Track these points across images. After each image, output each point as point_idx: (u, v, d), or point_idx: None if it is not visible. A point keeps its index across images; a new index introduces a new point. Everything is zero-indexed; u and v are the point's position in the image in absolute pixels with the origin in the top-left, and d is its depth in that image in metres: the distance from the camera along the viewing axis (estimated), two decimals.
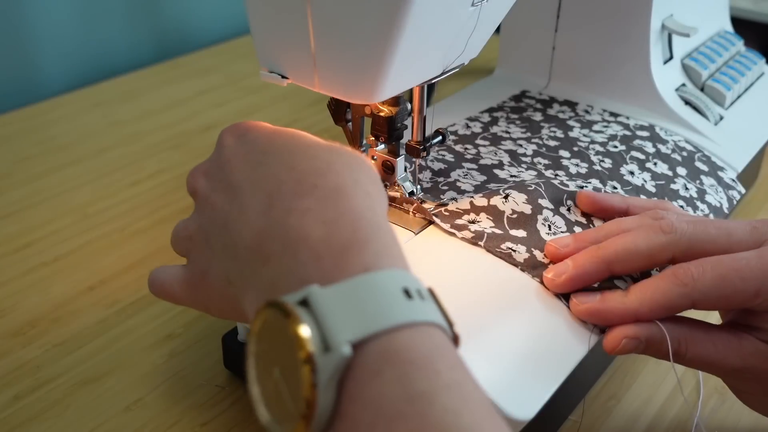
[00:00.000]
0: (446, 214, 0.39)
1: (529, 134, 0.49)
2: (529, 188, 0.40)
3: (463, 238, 0.38)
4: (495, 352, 0.32)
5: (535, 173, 0.44)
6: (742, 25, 0.89)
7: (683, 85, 0.53)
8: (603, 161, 0.46)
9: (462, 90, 0.57)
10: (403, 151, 0.41)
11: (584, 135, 0.49)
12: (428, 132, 0.41)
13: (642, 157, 0.47)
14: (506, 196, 0.39)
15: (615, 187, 0.43)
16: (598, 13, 0.52)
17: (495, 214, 0.39)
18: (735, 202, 0.46)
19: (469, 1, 0.32)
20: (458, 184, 0.43)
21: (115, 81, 0.80)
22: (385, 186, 0.42)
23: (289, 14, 0.32)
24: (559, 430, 0.39)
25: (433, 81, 0.37)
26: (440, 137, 0.42)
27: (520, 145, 0.47)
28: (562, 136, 0.49)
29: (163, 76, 0.81)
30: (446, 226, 0.38)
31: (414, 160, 0.41)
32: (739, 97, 0.55)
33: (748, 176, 0.56)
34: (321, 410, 0.22)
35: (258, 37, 0.35)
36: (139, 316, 0.46)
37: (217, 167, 0.32)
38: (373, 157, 0.41)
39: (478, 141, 0.48)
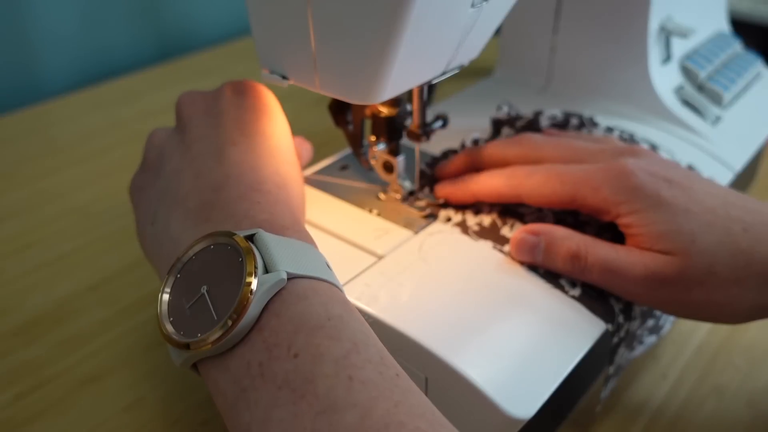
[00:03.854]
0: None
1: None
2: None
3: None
4: (494, 349, 0.32)
5: None
6: (741, 27, 0.89)
7: (681, 85, 0.53)
8: None
9: (462, 90, 0.57)
10: (402, 151, 0.41)
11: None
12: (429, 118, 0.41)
13: None
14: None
15: None
16: (597, 14, 0.52)
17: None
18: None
19: (469, 3, 0.33)
20: None
21: (117, 82, 0.80)
22: (386, 184, 0.42)
23: (290, 15, 0.32)
24: (558, 429, 0.39)
25: (433, 82, 0.37)
26: (441, 122, 0.41)
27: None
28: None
29: (165, 77, 0.81)
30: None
31: (415, 145, 0.41)
32: (736, 97, 0.55)
33: (745, 176, 0.56)
34: (246, 319, 0.25)
35: (259, 37, 0.35)
36: (140, 315, 0.46)
37: (206, 110, 0.36)
38: (373, 157, 0.42)
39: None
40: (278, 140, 0.35)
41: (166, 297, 0.28)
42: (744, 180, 0.56)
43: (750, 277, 0.33)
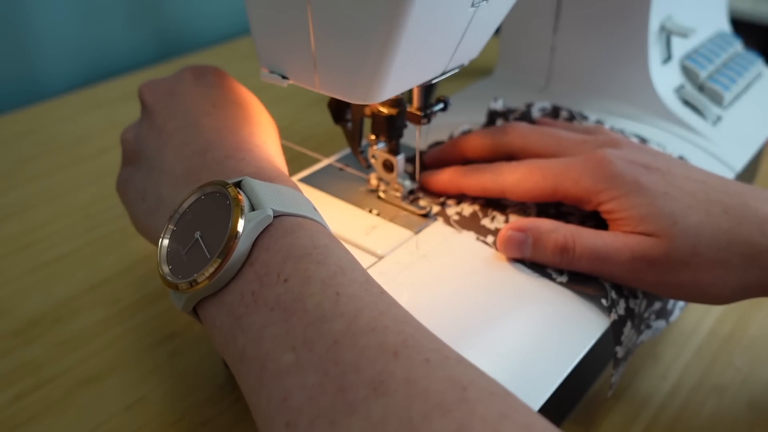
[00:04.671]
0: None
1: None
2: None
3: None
4: (498, 347, 0.32)
5: None
6: (741, 27, 0.89)
7: (682, 85, 0.53)
8: None
9: (462, 90, 0.57)
10: (402, 150, 0.41)
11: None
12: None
13: None
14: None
15: None
16: (597, 13, 0.52)
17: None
18: None
19: (469, 2, 0.33)
20: None
21: (116, 81, 0.80)
22: (386, 185, 0.42)
23: (290, 15, 0.32)
24: (561, 425, 0.39)
25: (433, 82, 0.37)
26: (442, 104, 0.41)
27: None
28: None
29: None
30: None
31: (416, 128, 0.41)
32: (737, 97, 0.55)
33: (746, 176, 0.56)
34: (237, 254, 0.27)
35: (258, 37, 0.35)
36: (140, 315, 0.46)
37: (169, 93, 0.37)
38: (373, 156, 0.42)
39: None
40: (248, 107, 0.37)
41: (165, 242, 0.30)
42: (745, 180, 0.56)
43: (733, 257, 0.34)
